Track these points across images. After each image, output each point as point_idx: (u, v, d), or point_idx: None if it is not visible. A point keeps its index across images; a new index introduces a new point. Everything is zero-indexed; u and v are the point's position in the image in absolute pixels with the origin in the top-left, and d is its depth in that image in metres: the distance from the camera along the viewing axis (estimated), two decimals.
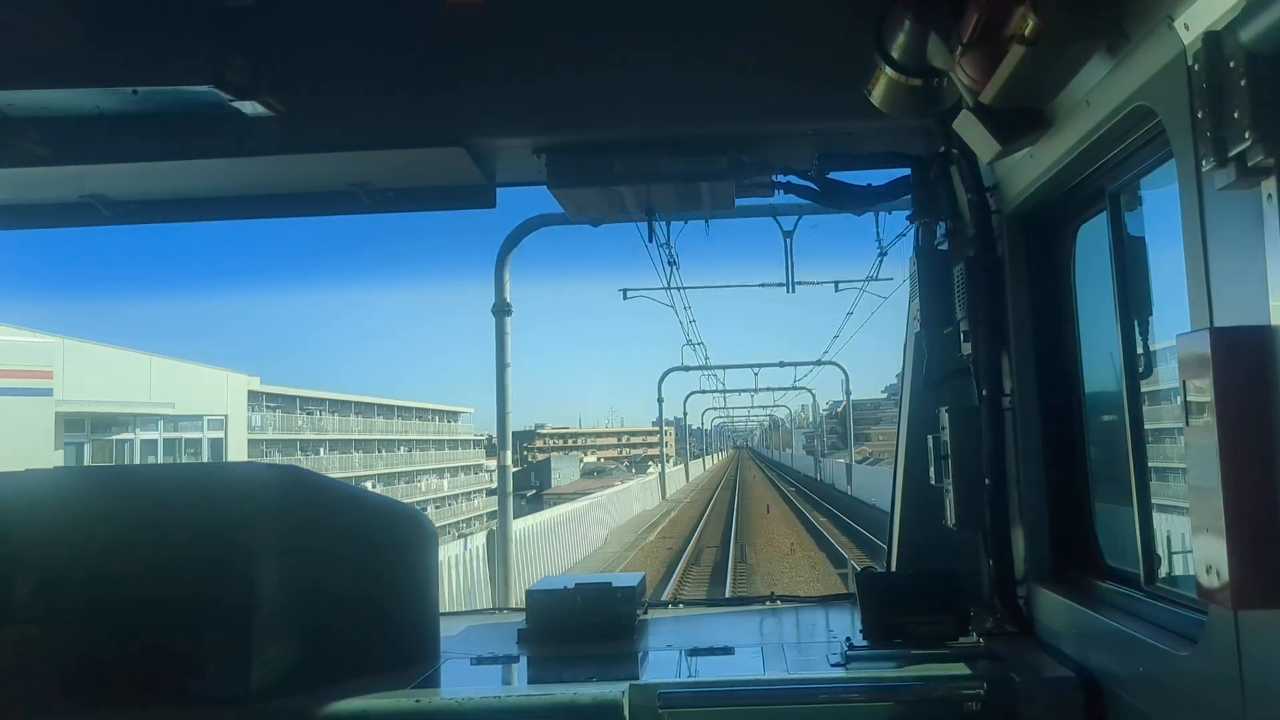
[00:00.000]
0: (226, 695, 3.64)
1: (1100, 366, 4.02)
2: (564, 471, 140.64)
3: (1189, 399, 2.53)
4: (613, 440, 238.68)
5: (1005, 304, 4.25)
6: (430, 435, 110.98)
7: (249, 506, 3.86)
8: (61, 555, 4.00)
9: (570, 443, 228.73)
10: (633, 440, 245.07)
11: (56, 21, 3.75)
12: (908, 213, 4.88)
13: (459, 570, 19.82)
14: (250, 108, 4.00)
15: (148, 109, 4.08)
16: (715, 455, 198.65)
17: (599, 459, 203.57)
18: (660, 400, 71.39)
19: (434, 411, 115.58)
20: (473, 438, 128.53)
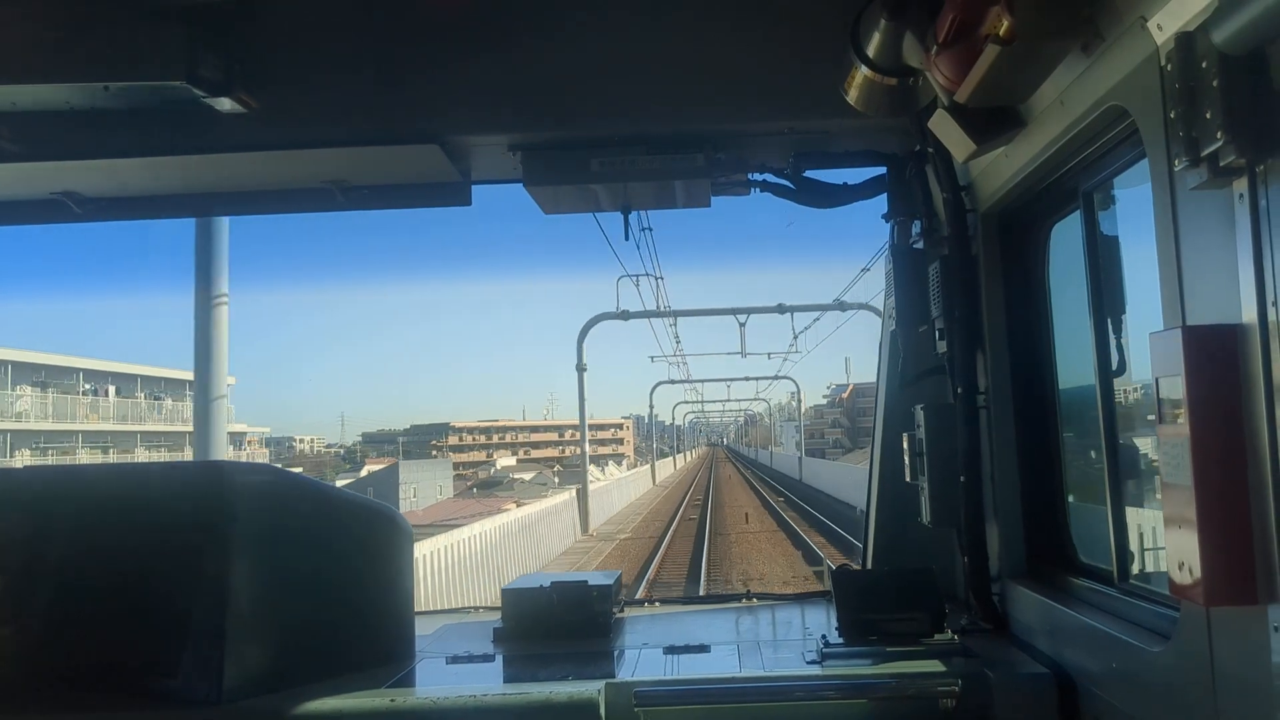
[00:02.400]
0: (199, 695, 3.60)
1: (1074, 364, 4.05)
2: (426, 484, 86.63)
3: (1161, 397, 2.55)
4: (553, 436, 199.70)
5: (980, 302, 4.27)
6: (96, 423, 67.75)
7: (221, 505, 3.83)
8: (32, 555, 3.96)
9: (496, 439, 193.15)
10: (577, 436, 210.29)
11: (26, 16, 3.71)
12: (883, 211, 4.90)
13: None
14: (223, 104, 3.97)
15: (119, 105, 4.04)
16: (687, 454, 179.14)
17: (517, 460, 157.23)
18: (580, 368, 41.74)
19: (126, 377, 72.39)
20: (244, 430, 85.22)
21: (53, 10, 3.71)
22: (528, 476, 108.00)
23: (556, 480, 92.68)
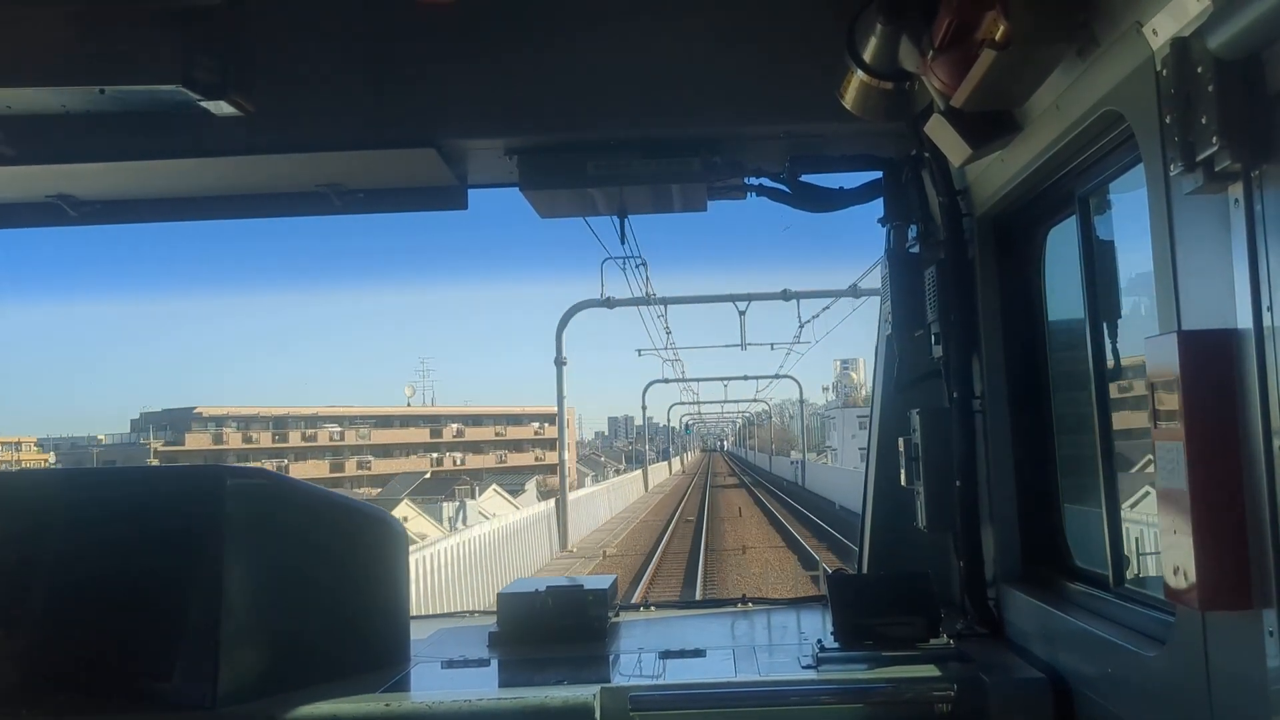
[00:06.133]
0: (194, 700, 3.60)
1: (1069, 369, 4.05)
2: None
3: (1156, 401, 2.55)
4: (422, 435, 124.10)
5: (976, 306, 4.27)
6: None
7: (216, 509, 3.82)
8: (26, 559, 3.95)
9: (303, 438, 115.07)
10: (461, 434, 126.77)
11: (22, 20, 3.70)
12: (879, 216, 4.91)
13: None
14: (219, 107, 3.95)
15: (115, 108, 4.03)
16: (682, 457, 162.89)
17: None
18: None
19: None
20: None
21: (49, 13, 3.70)
22: None
23: None
